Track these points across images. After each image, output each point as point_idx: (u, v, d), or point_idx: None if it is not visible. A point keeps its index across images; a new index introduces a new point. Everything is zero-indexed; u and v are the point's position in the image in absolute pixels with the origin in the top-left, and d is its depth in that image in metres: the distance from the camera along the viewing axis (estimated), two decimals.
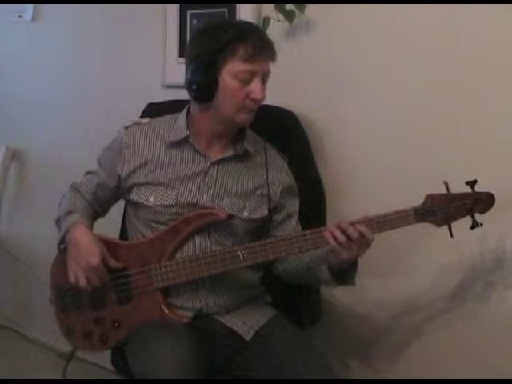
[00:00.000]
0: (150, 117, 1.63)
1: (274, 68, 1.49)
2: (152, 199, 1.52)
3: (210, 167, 1.53)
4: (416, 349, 1.81)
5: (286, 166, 1.63)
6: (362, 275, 1.49)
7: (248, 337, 1.53)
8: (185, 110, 1.57)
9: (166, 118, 1.59)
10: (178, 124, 1.55)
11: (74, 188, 1.66)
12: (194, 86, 1.45)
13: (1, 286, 2.76)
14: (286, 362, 1.45)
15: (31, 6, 2.49)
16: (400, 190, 1.72)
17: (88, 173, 1.68)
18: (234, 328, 1.54)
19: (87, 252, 1.48)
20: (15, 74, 2.61)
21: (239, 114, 1.47)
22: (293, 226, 1.61)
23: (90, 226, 1.58)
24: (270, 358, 1.48)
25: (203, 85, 1.44)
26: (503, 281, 1.65)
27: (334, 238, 1.36)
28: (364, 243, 1.37)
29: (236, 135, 1.57)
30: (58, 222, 1.61)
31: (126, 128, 1.58)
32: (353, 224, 1.37)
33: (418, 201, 1.42)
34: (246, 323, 1.55)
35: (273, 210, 1.58)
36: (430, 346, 1.78)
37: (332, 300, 1.90)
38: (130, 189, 1.56)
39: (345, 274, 1.45)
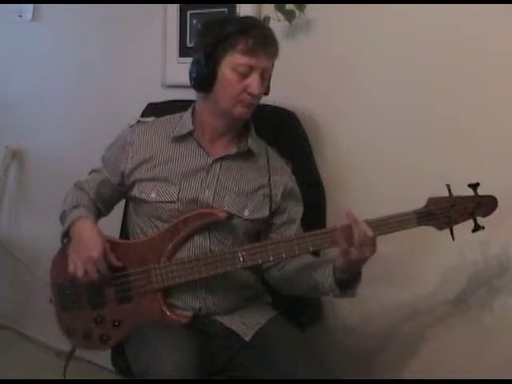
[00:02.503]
0: (154, 116, 1.64)
1: (274, 67, 1.49)
2: (154, 195, 1.52)
3: (212, 164, 1.54)
4: (418, 352, 1.81)
5: (289, 172, 1.63)
6: (365, 277, 1.47)
7: (247, 337, 1.53)
8: (191, 107, 1.58)
9: (171, 116, 1.61)
10: (183, 120, 1.57)
11: (78, 186, 1.67)
12: (194, 75, 1.47)
13: (1, 286, 2.76)
14: (286, 362, 1.45)
15: (31, 5, 2.50)
16: (401, 191, 1.71)
17: (92, 171, 1.68)
18: (233, 328, 1.54)
19: (90, 244, 1.48)
20: (15, 73, 2.61)
21: (236, 108, 1.47)
22: (292, 231, 1.59)
23: (95, 221, 1.58)
24: (270, 359, 1.48)
25: (202, 74, 1.45)
26: (507, 286, 1.63)
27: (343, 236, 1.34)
28: (368, 243, 1.34)
29: (240, 133, 1.57)
30: (62, 216, 1.61)
31: (131, 126, 1.60)
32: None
33: (419, 203, 1.41)
34: (246, 324, 1.55)
35: (274, 213, 1.58)
36: (432, 349, 1.78)
37: (332, 301, 1.89)
38: (132, 185, 1.57)
39: (347, 283, 1.42)
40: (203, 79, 1.46)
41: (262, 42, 1.44)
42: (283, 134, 1.76)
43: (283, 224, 1.60)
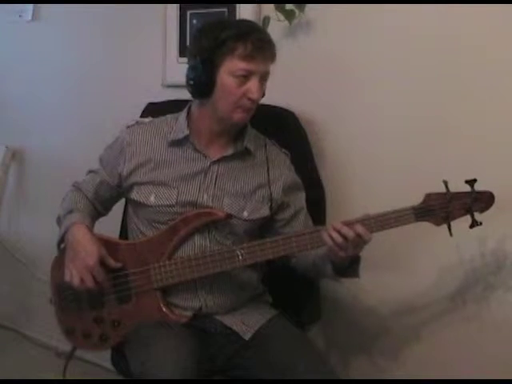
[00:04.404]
0: (152, 116, 1.64)
1: (274, 68, 1.49)
2: (152, 198, 1.52)
3: (210, 166, 1.53)
4: (416, 349, 1.81)
5: (288, 162, 1.63)
6: (363, 275, 1.49)
7: (247, 336, 1.53)
8: (185, 109, 1.57)
9: (168, 117, 1.60)
10: (178, 123, 1.55)
11: (76, 187, 1.67)
12: (192, 82, 1.46)
13: (1, 285, 2.76)
14: (286, 361, 1.45)
15: (31, 5, 2.50)
16: (400, 188, 1.72)
17: (90, 172, 1.68)
18: (233, 327, 1.54)
19: (85, 252, 1.48)
20: (15, 73, 2.61)
21: (235, 113, 1.47)
22: (301, 221, 1.61)
23: (91, 226, 1.58)
24: (270, 358, 1.48)
25: (201, 81, 1.44)
26: (504, 281, 1.64)
27: (331, 238, 1.37)
28: (361, 242, 1.37)
29: (237, 134, 1.57)
30: (58, 221, 1.61)
31: (128, 127, 1.59)
32: (350, 225, 1.37)
33: (417, 199, 1.42)
34: (246, 323, 1.55)
35: (278, 209, 1.58)
36: (430, 346, 1.78)
37: (332, 300, 1.90)
38: (130, 187, 1.56)
39: (347, 269, 1.45)
40: (201, 86, 1.45)
41: (261, 46, 1.43)
42: (283, 134, 1.75)
43: (292, 217, 1.60)
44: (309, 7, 1.81)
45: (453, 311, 1.73)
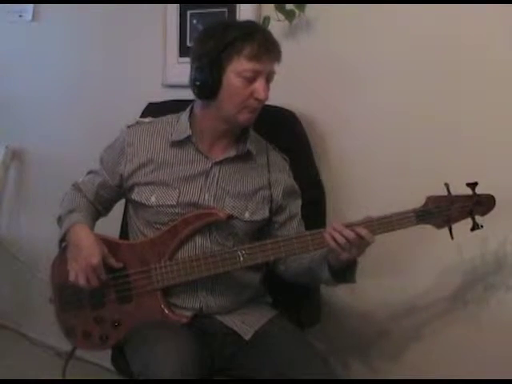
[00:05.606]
0: (152, 116, 1.63)
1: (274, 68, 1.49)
2: (153, 199, 1.52)
3: (212, 167, 1.53)
4: (416, 349, 1.81)
5: (287, 168, 1.64)
6: (363, 276, 1.49)
7: (247, 336, 1.53)
8: (188, 110, 1.57)
9: (169, 117, 1.60)
10: (180, 123, 1.55)
11: (76, 187, 1.66)
12: (198, 83, 1.45)
13: (1, 285, 2.76)
14: (286, 361, 1.45)
15: (31, 5, 2.50)
16: (400, 190, 1.71)
17: (90, 172, 1.68)
18: (233, 328, 1.54)
19: (88, 251, 1.48)
20: (15, 73, 2.61)
21: (242, 114, 1.47)
22: (295, 226, 1.61)
23: (92, 226, 1.58)
24: (270, 358, 1.48)
25: (207, 82, 1.44)
26: (504, 283, 1.64)
27: (334, 239, 1.37)
28: (364, 244, 1.37)
29: (239, 136, 1.57)
30: (59, 220, 1.61)
31: (129, 127, 1.59)
32: (352, 226, 1.37)
33: (418, 202, 1.41)
34: (246, 323, 1.55)
35: (275, 212, 1.58)
36: (430, 346, 1.78)
37: (332, 300, 1.90)
38: (131, 188, 1.56)
39: (345, 273, 1.45)
40: (208, 87, 1.44)
41: (267, 46, 1.43)
42: (283, 133, 1.76)
43: (286, 221, 1.61)
44: (309, 7, 1.81)
45: (452, 311, 1.73)
